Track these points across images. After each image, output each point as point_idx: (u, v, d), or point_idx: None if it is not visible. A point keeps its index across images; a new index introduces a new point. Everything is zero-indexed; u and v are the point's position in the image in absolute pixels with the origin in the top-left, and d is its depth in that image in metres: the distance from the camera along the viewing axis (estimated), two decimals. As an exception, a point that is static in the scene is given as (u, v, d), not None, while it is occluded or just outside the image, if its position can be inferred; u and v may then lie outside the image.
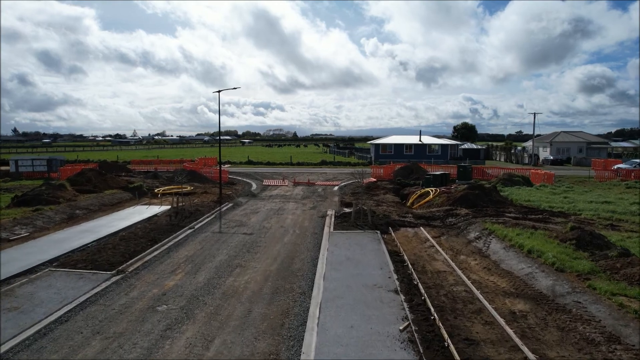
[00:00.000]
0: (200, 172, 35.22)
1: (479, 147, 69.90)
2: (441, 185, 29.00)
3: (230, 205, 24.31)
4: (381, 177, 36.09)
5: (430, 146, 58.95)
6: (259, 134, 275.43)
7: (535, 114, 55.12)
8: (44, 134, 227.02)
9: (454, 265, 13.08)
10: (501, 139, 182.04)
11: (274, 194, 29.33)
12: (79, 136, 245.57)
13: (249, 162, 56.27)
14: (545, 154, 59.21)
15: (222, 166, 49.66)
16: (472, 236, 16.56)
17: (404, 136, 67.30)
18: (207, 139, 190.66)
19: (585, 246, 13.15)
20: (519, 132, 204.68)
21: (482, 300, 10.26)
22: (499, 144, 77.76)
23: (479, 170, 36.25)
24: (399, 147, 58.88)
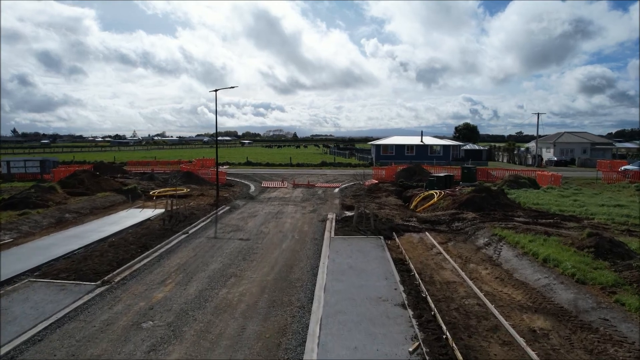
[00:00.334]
0: (197, 174, 34.31)
1: (481, 148, 69.01)
2: (445, 187, 28.13)
3: (227, 208, 23.44)
4: (383, 179, 35.22)
5: (431, 147, 58.09)
6: (258, 135, 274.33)
7: (538, 114, 54.27)
8: (43, 134, 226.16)
9: (464, 275, 12.21)
10: (501, 139, 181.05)
11: (272, 196, 28.47)
12: (79, 137, 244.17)
13: (248, 163, 55.40)
14: (548, 154, 58.31)
15: (220, 167, 48.79)
16: (481, 242, 15.69)
17: (405, 137, 66.46)
18: (207, 139, 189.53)
19: (604, 254, 12.28)
20: (519, 133, 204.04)
21: (498, 316, 9.39)
22: (501, 145, 76.82)
23: (483, 171, 35.35)
24: (400, 148, 58.03)
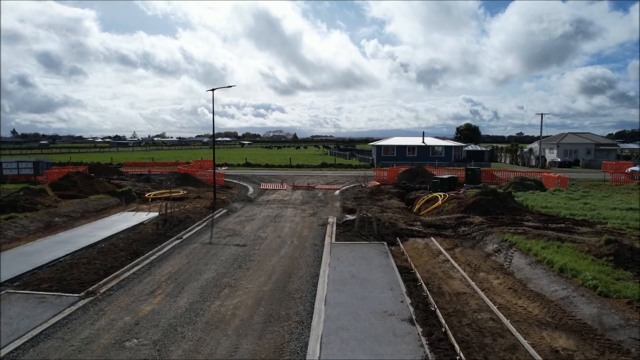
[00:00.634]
0: (194, 176, 33.51)
1: (483, 148, 68.20)
2: (449, 189, 27.33)
3: (224, 211, 22.64)
4: (385, 181, 34.41)
5: (433, 148, 57.31)
6: (258, 136, 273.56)
7: (542, 114, 53.41)
8: (42, 135, 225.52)
9: (474, 285, 11.40)
10: (502, 140, 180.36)
11: (271, 198, 27.67)
12: (79, 137, 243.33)
13: (247, 165, 54.60)
14: (552, 155, 57.48)
15: (219, 169, 47.92)
16: (490, 249, 14.88)
17: (406, 137, 65.66)
18: (206, 140, 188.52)
19: (625, 263, 11.47)
20: (520, 134, 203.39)
21: (515, 333, 8.58)
22: (504, 146, 75.98)
23: (487, 173, 34.54)
24: (401, 148, 57.25)
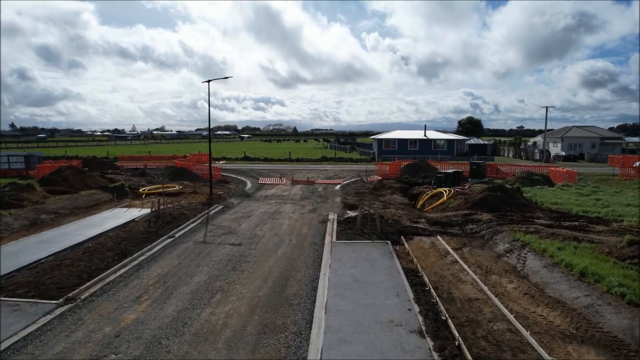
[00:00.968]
0: (190, 170, 32.55)
1: (486, 142, 67.14)
2: (453, 184, 26.41)
3: (220, 207, 21.74)
4: (387, 175, 33.48)
5: (435, 141, 56.29)
6: (258, 129, 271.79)
7: (547, 107, 52.28)
8: (41, 129, 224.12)
9: (487, 290, 10.51)
10: (503, 133, 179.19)
11: (269, 193, 26.76)
12: (77, 131, 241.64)
13: (246, 158, 53.60)
14: (556, 149, 56.46)
15: (217, 163, 46.92)
16: (501, 249, 13.99)
17: (408, 131, 64.61)
18: (206, 133, 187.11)
19: (651, 267, 10.57)
20: (520, 127, 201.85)
21: (537, 347, 7.70)
22: (507, 139, 74.91)
23: (492, 167, 33.58)
24: (403, 142, 56.24)
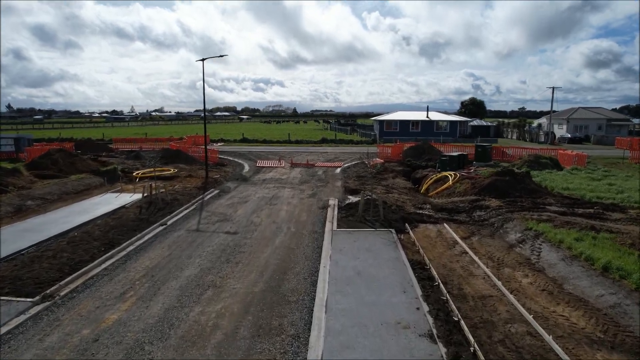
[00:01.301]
0: (186, 152, 31.55)
1: (489, 124, 65.86)
2: (459, 167, 25.48)
3: (215, 192, 20.87)
4: (389, 158, 32.50)
5: (437, 123, 55.07)
6: (258, 110, 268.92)
7: (553, 88, 50.83)
8: (38, 110, 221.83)
9: (501, 286, 9.69)
10: (504, 115, 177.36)
11: (268, 177, 25.85)
12: (75, 112, 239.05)
13: (244, 140, 52.46)
14: (561, 131, 55.25)
15: (214, 145, 45.84)
16: (513, 238, 13.15)
17: (409, 112, 63.26)
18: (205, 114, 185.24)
19: (679, 260, 9.73)
20: (522, 109, 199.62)
21: (563, 355, 6.90)
22: (510, 121, 73.52)
23: (497, 150, 32.55)
24: (404, 123, 55.01)
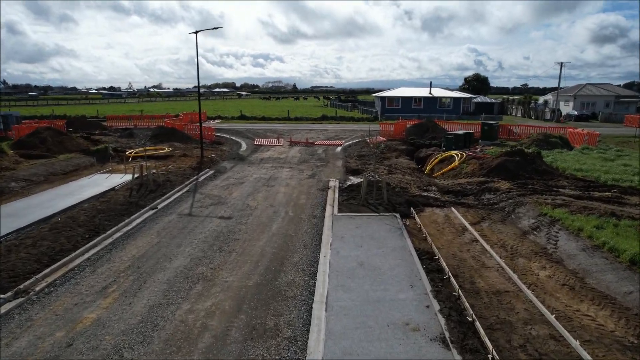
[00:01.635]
0: (181, 130, 30.43)
1: (493, 100, 64.31)
2: (464, 146, 24.46)
3: (210, 172, 19.94)
4: (391, 136, 31.42)
5: (440, 100, 53.56)
6: (257, 86, 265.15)
7: (562, 63, 49.21)
8: (35, 86, 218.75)
9: (517, 279, 8.87)
10: (506, 91, 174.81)
11: (265, 156, 24.87)
12: (72, 89, 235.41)
13: (242, 117, 51.12)
14: (567, 108, 53.86)
15: (211, 122, 44.60)
16: (526, 224, 12.30)
17: (412, 88, 61.58)
18: (203, 91, 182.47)
19: None
20: (525, 85, 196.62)
21: (593, 365, 6.11)
22: (515, 97, 71.88)
23: (503, 128, 31.39)
24: (407, 100, 53.52)
